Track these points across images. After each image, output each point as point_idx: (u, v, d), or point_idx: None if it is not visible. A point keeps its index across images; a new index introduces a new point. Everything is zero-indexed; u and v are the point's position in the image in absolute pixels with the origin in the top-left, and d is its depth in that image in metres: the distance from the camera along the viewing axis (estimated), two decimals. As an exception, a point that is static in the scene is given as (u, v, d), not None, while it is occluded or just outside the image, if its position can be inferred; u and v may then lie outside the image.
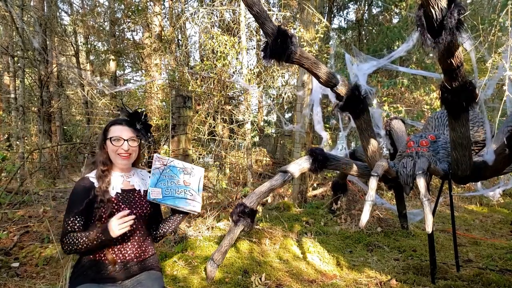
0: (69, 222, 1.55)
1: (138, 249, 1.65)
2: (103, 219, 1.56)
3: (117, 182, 1.69)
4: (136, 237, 1.65)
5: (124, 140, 1.66)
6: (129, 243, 1.63)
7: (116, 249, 1.60)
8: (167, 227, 1.81)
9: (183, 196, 1.77)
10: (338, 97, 2.29)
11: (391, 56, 3.09)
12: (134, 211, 1.64)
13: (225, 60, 6.44)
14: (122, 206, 1.62)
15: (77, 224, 1.55)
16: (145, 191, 1.74)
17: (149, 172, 1.81)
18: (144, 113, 1.76)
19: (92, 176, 1.65)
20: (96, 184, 1.61)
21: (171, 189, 1.76)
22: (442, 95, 2.04)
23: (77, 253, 1.58)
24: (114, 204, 1.61)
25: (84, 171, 1.75)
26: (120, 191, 1.66)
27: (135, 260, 1.64)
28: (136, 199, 1.70)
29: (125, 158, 1.67)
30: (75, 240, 1.51)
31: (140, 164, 1.89)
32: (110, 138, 1.65)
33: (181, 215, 1.82)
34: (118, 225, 1.49)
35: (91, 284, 1.54)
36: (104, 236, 1.50)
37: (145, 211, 1.69)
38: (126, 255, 1.62)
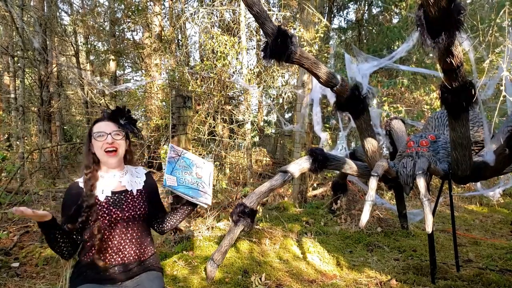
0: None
1: (137, 251, 1.63)
2: (90, 223, 1.55)
3: (108, 184, 1.65)
4: (134, 240, 1.63)
5: (108, 134, 1.62)
6: (127, 246, 1.61)
7: (114, 253, 1.58)
8: (175, 220, 1.80)
9: (196, 187, 1.78)
10: (338, 97, 2.29)
11: (392, 56, 3.08)
12: (127, 214, 1.61)
13: (225, 60, 6.44)
14: (113, 210, 1.59)
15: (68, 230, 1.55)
16: (138, 190, 1.70)
17: (146, 168, 1.81)
18: (127, 108, 1.73)
19: (81, 181, 1.63)
20: (84, 189, 1.59)
21: (185, 179, 1.76)
22: (442, 95, 2.04)
23: (65, 253, 1.57)
24: (104, 209, 1.58)
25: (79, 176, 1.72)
26: (110, 194, 1.62)
27: (136, 261, 1.63)
28: (129, 200, 1.65)
29: (112, 155, 1.63)
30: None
31: (141, 164, 1.89)
32: (94, 135, 1.62)
33: (189, 207, 1.81)
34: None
35: (92, 285, 1.54)
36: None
37: (138, 212, 1.65)
38: (125, 258, 1.60)
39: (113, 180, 1.66)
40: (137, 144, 7.31)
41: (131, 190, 1.69)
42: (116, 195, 1.64)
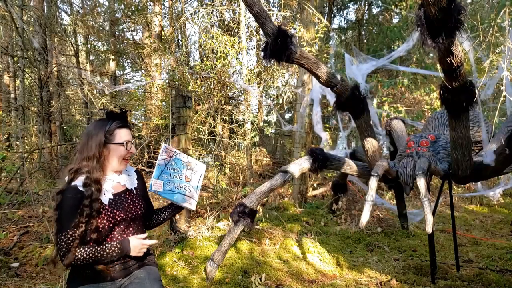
0: (69, 236, 1.45)
1: None
2: (100, 229, 1.51)
3: (108, 187, 1.62)
4: (130, 236, 1.62)
5: (131, 143, 1.66)
6: None
7: None
8: (161, 218, 1.82)
9: (182, 192, 1.78)
10: (338, 97, 2.29)
11: (390, 56, 3.10)
12: (129, 215, 1.61)
13: (225, 60, 6.44)
14: (117, 212, 1.57)
15: (77, 238, 1.46)
16: (135, 189, 1.72)
17: (132, 165, 1.81)
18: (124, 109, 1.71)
19: (79, 184, 1.52)
20: (86, 193, 1.49)
21: (172, 183, 1.77)
22: (442, 95, 2.03)
23: (81, 266, 1.50)
24: (109, 212, 1.55)
25: (63, 178, 1.60)
26: (112, 197, 1.60)
27: (135, 259, 1.64)
28: (129, 200, 1.65)
29: (128, 162, 1.69)
30: (87, 254, 1.47)
31: (141, 164, 1.89)
32: (124, 142, 1.60)
33: (175, 209, 1.83)
34: (139, 247, 1.57)
35: (90, 285, 1.54)
36: (120, 252, 1.53)
37: (139, 212, 1.66)
38: (126, 256, 1.61)
39: (112, 182, 1.65)
40: (137, 144, 7.31)
41: (131, 189, 1.70)
42: (117, 196, 1.63)
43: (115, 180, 1.66)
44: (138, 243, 1.57)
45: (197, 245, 3.41)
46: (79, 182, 1.53)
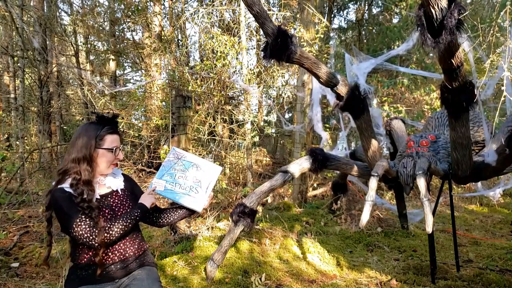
0: (81, 223, 1.48)
1: (132, 247, 1.66)
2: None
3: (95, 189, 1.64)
4: (129, 236, 1.65)
5: (120, 149, 1.67)
6: (127, 242, 1.64)
7: (111, 252, 1.59)
8: (171, 218, 1.82)
9: (187, 192, 1.78)
10: (338, 97, 2.29)
11: (389, 53, 3.10)
12: (119, 214, 1.63)
13: (225, 60, 6.43)
14: (107, 211, 1.60)
15: (92, 221, 1.50)
16: (122, 190, 1.72)
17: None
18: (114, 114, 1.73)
19: (66, 186, 1.54)
20: (75, 192, 1.52)
21: (176, 183, 1.77)
22: (442, 95, 2.04)
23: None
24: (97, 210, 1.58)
25: (54, 181, 1.61)
26: (99, 197, 1.63)
27: (133, 257, 1.65)
28: (116, 201, 1.67)
29: (115, 166, 1.70)
30: (117, 227, 1.53)
31: (141, 164, 1.90)
32: (113, 148, 1.63)
33: (184, 210, 1.82)
34: (149, 197, 1.69)
35: (88, 286, 1.54)
36: (142, 211, 1.63)
37: (128, 210, 1.68)
38: (126, 254, 1.63)
39: (98, 184, 1.66)
40: (137, 144, 7.31)
41: (117, 190, 1.71)
42: (104, 198, 1.65)
43: (101, 182, 1.68)
44: (146, 196, 1.70)
45: (197, 245, 3.41)
46: (66, 184, 1.55)
